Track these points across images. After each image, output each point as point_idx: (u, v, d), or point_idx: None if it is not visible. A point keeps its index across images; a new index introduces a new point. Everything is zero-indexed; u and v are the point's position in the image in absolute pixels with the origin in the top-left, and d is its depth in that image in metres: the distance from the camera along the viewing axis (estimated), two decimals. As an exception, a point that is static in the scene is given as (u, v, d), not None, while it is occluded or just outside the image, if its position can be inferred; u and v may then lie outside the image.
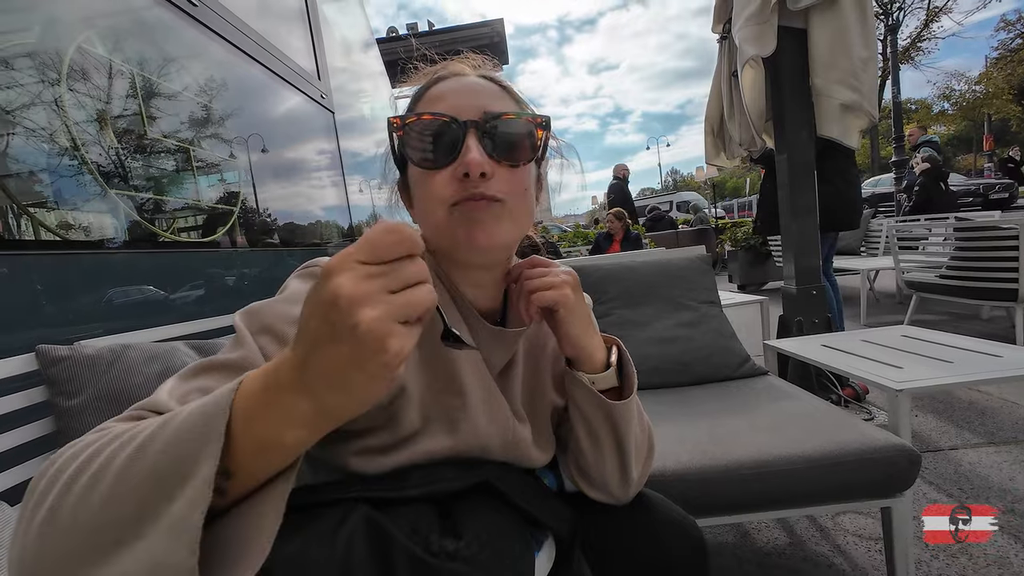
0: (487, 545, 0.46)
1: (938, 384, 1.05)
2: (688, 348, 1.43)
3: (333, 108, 2.30)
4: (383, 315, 0.30)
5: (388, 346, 0.30)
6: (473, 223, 0.49)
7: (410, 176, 0.54)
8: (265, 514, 0.33)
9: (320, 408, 0.32)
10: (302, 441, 0.33)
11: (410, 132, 0.50)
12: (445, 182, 0.49)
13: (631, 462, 0.59)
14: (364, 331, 0.29)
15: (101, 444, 0.33)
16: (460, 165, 0.48)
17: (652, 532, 0.62)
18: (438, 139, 0.49)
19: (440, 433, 0.52)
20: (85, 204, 1.01)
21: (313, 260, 0.52)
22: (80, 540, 0.30)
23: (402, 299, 0.31)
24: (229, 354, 0.44)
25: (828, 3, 1.71)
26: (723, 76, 2.13)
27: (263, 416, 0.32)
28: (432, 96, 0.54)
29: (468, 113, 0.49)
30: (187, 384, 0.42)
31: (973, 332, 2.91)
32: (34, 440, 0.70)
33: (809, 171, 1.98)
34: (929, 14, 15.44)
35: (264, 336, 0.45)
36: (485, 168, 0.48)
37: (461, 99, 0.51)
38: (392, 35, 7.91)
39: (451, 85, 0.54)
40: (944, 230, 2.90)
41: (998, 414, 1.87)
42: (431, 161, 0.49)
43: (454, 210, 0.49)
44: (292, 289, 0.49)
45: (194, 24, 1.40)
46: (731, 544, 1.31)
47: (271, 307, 0.47)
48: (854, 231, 4.53)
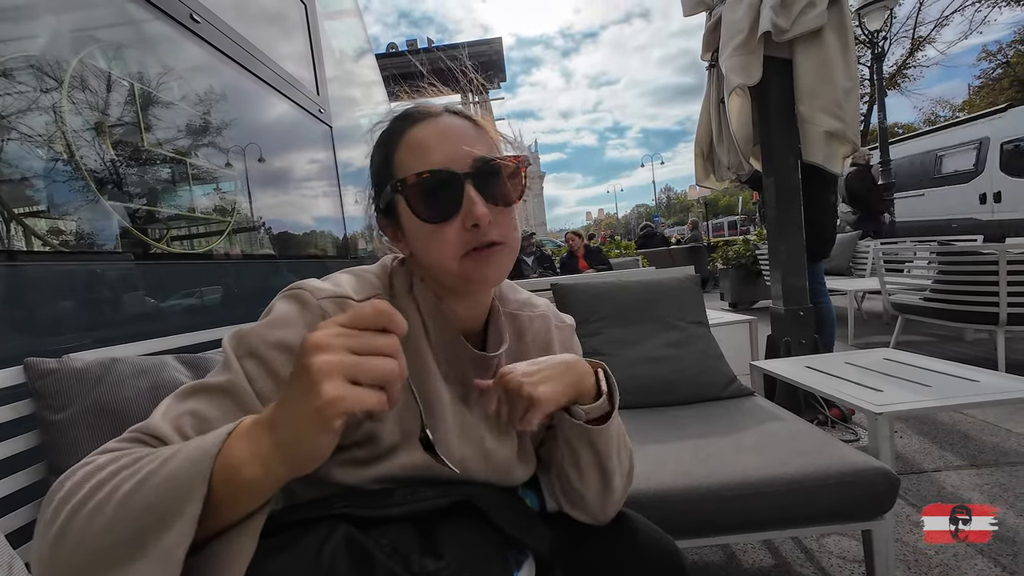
0: (467, 565, 0.47)
1: (916, 408, 1.07)
2: (675, 368, 1.44)
3: (331, 122, 2.33)
4: (332, 362, 0.34)
5: (322, 390, 0.33)
6: (485, 270, 0.53)
7: (405, 221, 0.54)
8: (241, 545, 0.38)
9: (275, 443, 0.36)
10: (258, 478, 0.36)
11: (410, 190, 0.51)
12: (456, 234, 0.51)
13: (613, 483, 0.61)
14: (311, 370, 0.34)
15: (107, 474, 0.37)
16: (468, 217, 0.50)
17: (632, 552, 0.62)
18: (440, 193, 0.51)
19: (418, 448, 0.53)
20: (77, 213, 1.02)
21: (298, 283, 0.53)
22: (85, 556, 0.35)
23: (360, 359, 0.35)
24: (218, 377, 0.47)
25: (812, 36, 1.79)
26: (712, 102, 2.19)
27: (237, 457, 0.36)
28: (414, 143, 0.53)
29: (460, 163, 0.51)
30: (179, 406, 0.45)
31: (957, 354, 2.96)
32: (19, 453, 0.70)
33: (795, 194, 2.04)
34: (914, 43, 15.97)
35: (249, 360, 0.47)
36: (490, 217, 0.51)
37: (448, 147, 0.52)
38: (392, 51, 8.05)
39: (431, 131, 0.53)
40: (928, 254, 2.97)
41: (980, 437, 1.90)
42: (436, 216, 0.51)
43: (465, 260, 0.52)
44: (276, 312, 0.51)
45: (196, 40, 1.43)
46: (717, 565, 1.31)
47: (256, 331, 0.49)
48: (843, 253, 4.63)
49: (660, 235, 10.19)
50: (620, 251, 7.81)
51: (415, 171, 0.51)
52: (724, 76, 1.91)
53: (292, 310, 0.50)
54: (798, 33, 1.76)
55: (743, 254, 5.41)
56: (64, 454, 0.69)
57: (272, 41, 1.91)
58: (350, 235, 2.47)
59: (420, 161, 0.51)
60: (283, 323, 0.49)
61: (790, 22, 1.76)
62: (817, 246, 2.19)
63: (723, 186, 2.40)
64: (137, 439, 0.43)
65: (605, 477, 0.60)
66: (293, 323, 0.49)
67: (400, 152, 0.54)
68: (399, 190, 0.52)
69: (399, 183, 0.51)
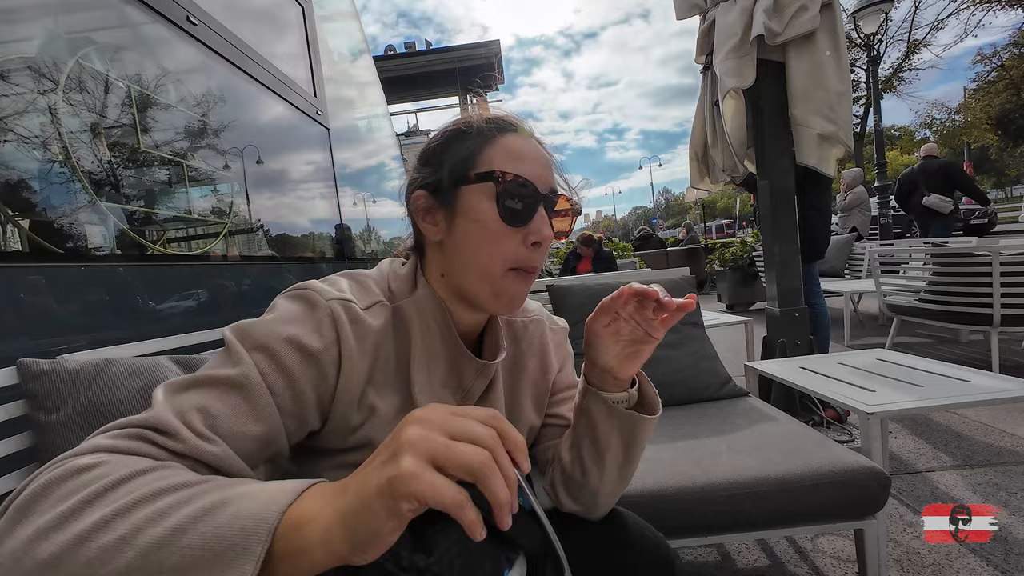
0: (456, 561, 0.47)
1: (907, 408, 1.08)
2: (670, 369, 1.45)
3: (328, 124, 2.34)
4: (421, 435, 0.32)
5: (401, 461, 0.31)
6: (518, 292, 0.55)
7: (468, 212, 0.53)
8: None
9: (340, 511, 0.32)
10: (314, 545, 0.31)
11: (504, 185, 0.52)
12: (514, 245, 0.53)
13: (630, 475, 0.63)
14: (399, 439, 0.32)
15: (128, 501, 0.32)
16: (534, 233, 0.53)
17: (623, 548, 0.63)
18: (523, 201, 0.52)
19: None
20: (73, 215, 1.02)
21: (302, 284, 0.53)
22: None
23: (450, 443, 0.32)
24: (227, 370, 0.45)
25: (804, 39, 1.80)
26: (706, 105, 2.21)
27: (300, 516, 0.32)
28: (510, 148, 0.54)
29: (542, 184, 0.54)
30: (184, 399, 0.42)
31: (952, 355, 2.98)
32: (12, 455, 0.70)
33: (790, 196, 2.05)
34: (910, 47, 16.09)
35: (258, 353, 0.46)
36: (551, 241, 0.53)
37: (537, 166, 0.54)
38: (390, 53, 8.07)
39: (526, 145, 0.55)
40: (923, 255, 2.98)
41: (974, 437, 1.91)
42: (513, 219, 0.52)
43: (509, 273, 0.53)
44: (283, 310, 0.50)
45: (193, 42, 1.43)
46: (711, 565, 1.31)
47: (263, 325, 0.48)
48: (839, 255, 4.66)
49: (657, 237, 10.22)
50: (618, 253, 7.83)
51: (510, 169, 0.52)
52: (718, 79, 1.92)
53: (300, 309, 0.50)
54: (791, 37, 1.78)
55: (740, 256, 5.43)
56: (57, 456, 0.69)
57: (269, 43, 1.92)
58: (347, 237, 2.47)
59: (513, 166, 0.53)
60: (292, 320, 0.49)
61: (783, 26, 1.77)
62: (811, 247, 2.21)
63: (718, 188, 2.41)
64: (142, 437, 0.39)
65: (629, 468, 0.62)
66: (303, 321, 0.49)
67: (491, 150, 0.54)
68: (497, 180, 0.52)
69: (499, 174, 0.52)
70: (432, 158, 0.57)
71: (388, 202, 3.26)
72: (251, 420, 0.44)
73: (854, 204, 5.90)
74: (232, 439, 0.43)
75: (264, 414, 0.45)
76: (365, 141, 3.15)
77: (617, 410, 0.58)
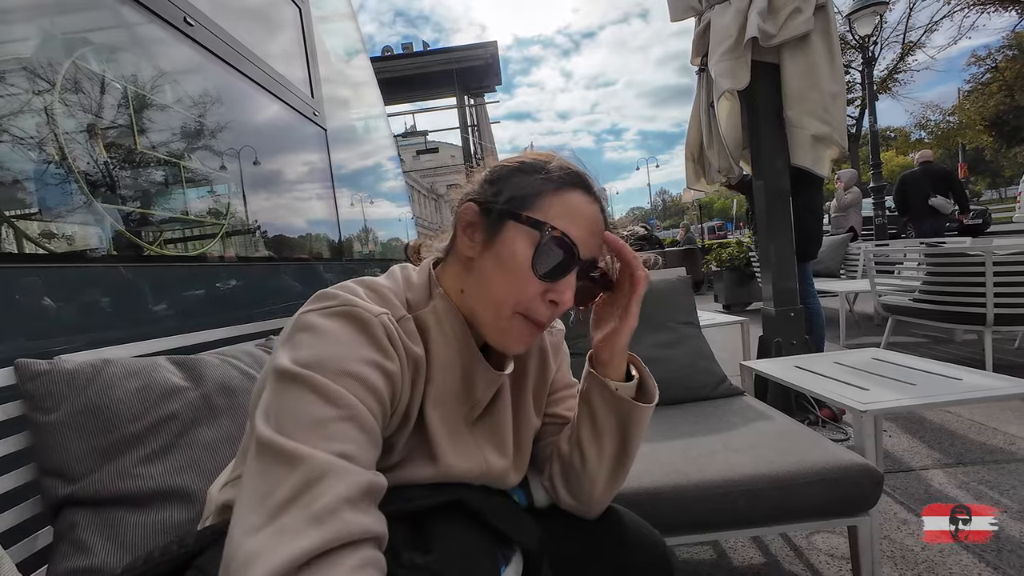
0: (455, 559, 0.48)
1: (900, 406, 1.09)
2: (666, 368, 1.46)
3: (325, 124, 2.34)
4: None
5: None
6: (521, 337, 0.55)
7: (508, 244, 0.53)
8: None
9: None
10: None
11: (548, 236, 0.52)
12: (533, 294, 0.53)
13: (627, 467, 0.63)
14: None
15: None
16: (556, 293, 0.53)
17: (619, 545, 0.64)
18: (559, 260, 0.53)
19: (421, 464, 0.55)
20: (69, 215, 1.02)
21: (324, 292, 0.51)
22: None
23: None
24: (323, 410, 0.42)
25: (799, 41, 1.82)
26: (701, 106, 2.22)
27: None
28: (570, 204, 0.55)
29: (584, 251, 0.54)
30: (323, 458, 0.40)
31: (947, 354, 3.00)
32: (9, 455, 0.70)
33: (785, 197, 2.07)
34: (904, 48, 16.20)
35: (345, 379, 0.44)
36: (566, 307, 0.54)
37: (586, 232, 0.55)
38: (387, 54, 8.07)
39: (586, 208, 0.55)
40: (917, 255, 3.01)
41: (967, 435, 1.92)
42: (542, 270, 0.52)
43: (517, 316, 0.54)
44: (334, 332, 0.47)
45: (190, 43, 1.43)
46: (708, 562, 1.32)
47: (329, 352, 0.45)
48: (835, 256, 4.69)
49: (654, 238, 10.26)
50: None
51: (561, 226, 0.53)
52: (713, 80, 1.93)
53: (355, 328, 0.48)
54: (785, 39, 1.80)
55: (737, 256, 5.45)
56: (54, 456, 0.70)
57: (266, 43, 1.92)
58: (344, 238, 2.48)
59: (565, 224, 0.53)
60: (353, 342, 0.47)
61: (777, 28, 1.79)
62: (804, 247, 2.23)
63: (714, 189, 2.42)
64: (367, 563, 0.38)
65: (625, 460, 0.62)
66: (366, 342, 0.48)
67: (552, 199, 0.54)
68: (544, 231, 0.52)
69: (548, 227, 0.52)
70: (498, 180, 0.57)
71: (385, 203, 3.26)
72: (372, 448, 0.45)
73: (853, 203, 5.93)
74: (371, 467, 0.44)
75: (376, 437, 0.46)
76: (362, 142, 3.16)
77: (615, 395, 0.60)
